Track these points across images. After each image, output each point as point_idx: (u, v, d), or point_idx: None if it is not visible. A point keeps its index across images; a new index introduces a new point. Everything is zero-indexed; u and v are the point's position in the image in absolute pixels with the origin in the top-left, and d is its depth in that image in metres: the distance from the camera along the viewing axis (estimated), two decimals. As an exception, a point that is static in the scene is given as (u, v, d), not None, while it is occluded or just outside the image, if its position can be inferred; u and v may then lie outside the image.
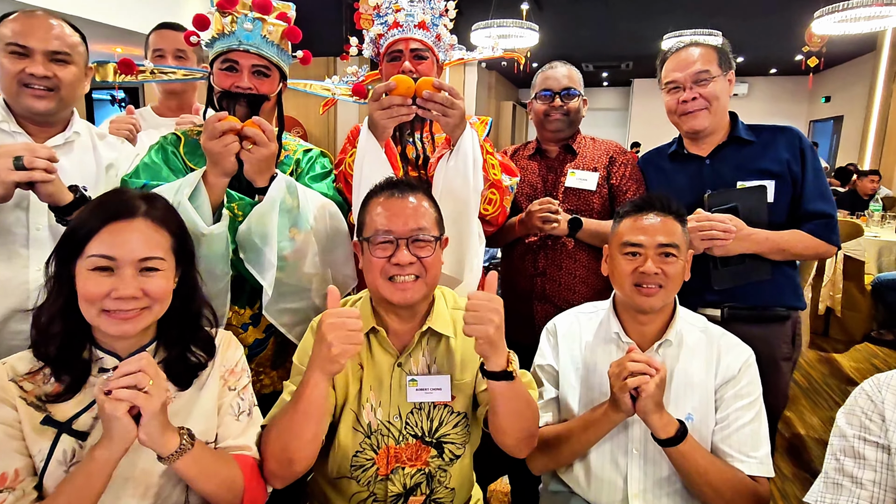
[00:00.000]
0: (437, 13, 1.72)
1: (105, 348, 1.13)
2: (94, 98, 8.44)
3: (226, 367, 1.25)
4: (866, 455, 1.09)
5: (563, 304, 1.99)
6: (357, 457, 1.36)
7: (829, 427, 3.26)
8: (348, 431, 1.35)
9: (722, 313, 1.81)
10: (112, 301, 1.06)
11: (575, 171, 2.06)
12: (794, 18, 8.09)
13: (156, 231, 1.12)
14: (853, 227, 4.75)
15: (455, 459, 1.40)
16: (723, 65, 1.81)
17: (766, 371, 1.48)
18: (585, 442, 1.41)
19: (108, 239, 1.07)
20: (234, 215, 1.48)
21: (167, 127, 2.06)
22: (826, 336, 5.04)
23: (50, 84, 1.50)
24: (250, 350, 1.62)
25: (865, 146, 8.76)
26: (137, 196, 1.15)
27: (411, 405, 1.36)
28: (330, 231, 1.62)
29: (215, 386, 1.22)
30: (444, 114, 1.52)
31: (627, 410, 1.30)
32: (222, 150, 1.37)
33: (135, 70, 1.62)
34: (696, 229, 1.67)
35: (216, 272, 1.43)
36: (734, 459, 1.36)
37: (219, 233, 1.39)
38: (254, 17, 1.49)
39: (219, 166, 1.39)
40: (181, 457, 1.04)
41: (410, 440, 1.36)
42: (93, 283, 1.06)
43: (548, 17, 8.33)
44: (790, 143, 1.82)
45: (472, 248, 1.66)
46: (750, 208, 1.75)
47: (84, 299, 1.06)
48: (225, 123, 1.37)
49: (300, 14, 1.64)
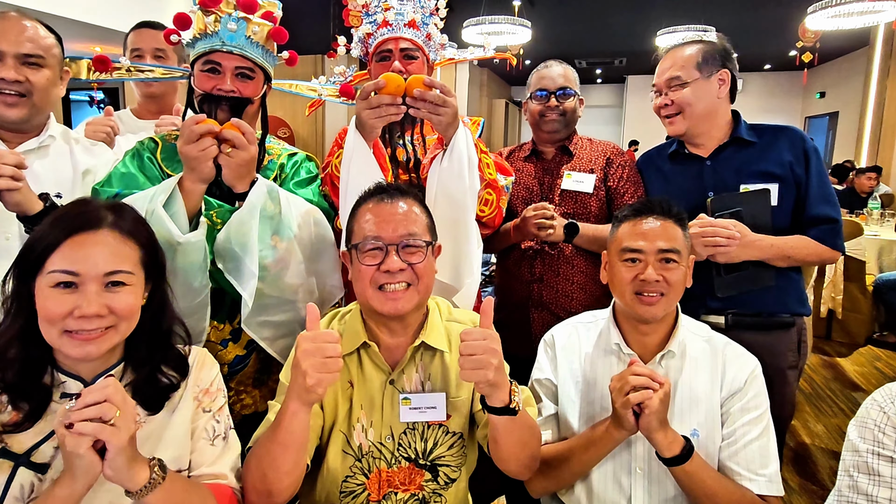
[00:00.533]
0: (427, 12, 1.69)
1: (68, 371, 1.06)
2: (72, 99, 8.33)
3: (200, 386, 1.18)
4: (881, 472, 1.06)
5: (560, 311, 1.97)
6: (347, 482, 1.29)
7: (834, 435, 3.28)
8: (338, 454, 1.29)
9: (725, 320, 1.77)
10: (74, 320, 0.98)
11: (571, 173, 2.02)
12: (787, 13, 8.13)
13: (123, 243, 1.05)
14: (853, 227, 4.71)
15: (450, 483, 1.34)
16: (706, 66, 1.77)
17: (771, 381, 1.44)
18: (587, 462, 1.36)
19: (71, 253, 1.00)
20: (212, 223, 1.41)
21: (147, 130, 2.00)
22: (828, 339, 4.99)
23: (22, 89, 1.44)
24: (230, 368, 1.56)
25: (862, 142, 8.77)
26: (103, 206, 1.08)
27: (404, 425, 1.30)
28: (315, 239, 1.55)
29: (188, 408, 1.14)
30: (437, 112, 1.48)
31: (630, 428, 1.26)
32: (199, 155, 1.31)
33: (110, 67, 1.55)
34: (699, 235, 1.63)
35: (194, 285, 1.37)
36: (742, 478, 1.32)
37: (195, 241, 1.33)
38: (238, 17, 1.43)
39: (196, 172, 1.33)
40: (151, 491, 0.95)
41: (403, 463, 1.30)
42: (53, 301, 0.98)
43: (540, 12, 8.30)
44: (793, 144, 1.78)
45: (470, 253, 1.61)
46: (754, 213, 1.72)
47: (44, 319, 0.99)
48: (202, 126, 1.31)
49: (286, 10, 1.58)
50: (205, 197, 1.40)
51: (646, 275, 1.35)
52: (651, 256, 1.36)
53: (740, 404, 1.36)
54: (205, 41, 1.44)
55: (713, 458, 1.35)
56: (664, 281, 1.35)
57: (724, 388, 1.38)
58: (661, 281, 1.35)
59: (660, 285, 1.35)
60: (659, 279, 1.35)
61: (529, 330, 2.00)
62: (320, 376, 1.05)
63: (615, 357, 1.44)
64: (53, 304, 0.98)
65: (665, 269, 1.36)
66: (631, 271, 1.38)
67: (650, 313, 1.37)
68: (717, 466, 1.35)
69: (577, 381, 1.46)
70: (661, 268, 1.36)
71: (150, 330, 1.11)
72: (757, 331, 1.74)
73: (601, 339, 1.48)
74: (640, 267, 1.37)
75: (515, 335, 1.92)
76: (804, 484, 2.80)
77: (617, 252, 1.42)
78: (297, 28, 1.65)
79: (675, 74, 1.78)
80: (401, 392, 1.30)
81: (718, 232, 1.64)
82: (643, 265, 1.37)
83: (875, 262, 4.79)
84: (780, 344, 1.76)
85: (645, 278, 1.35)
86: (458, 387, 1.32)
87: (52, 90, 1.51)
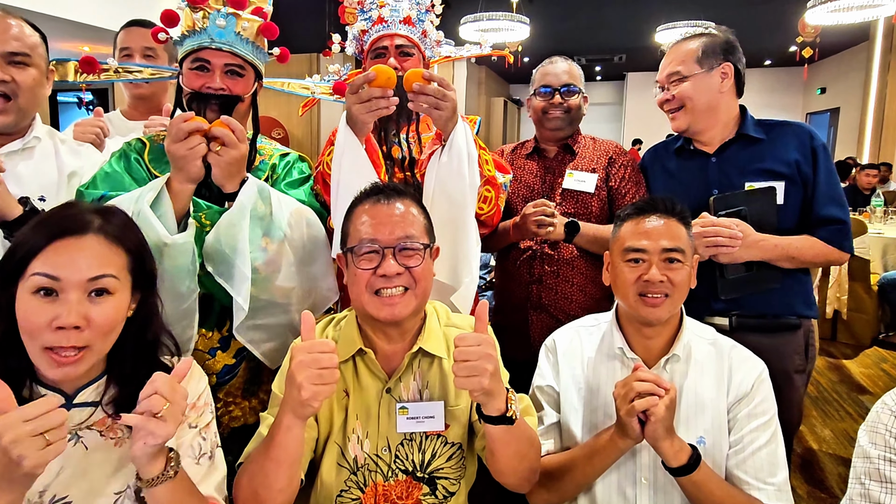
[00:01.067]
0: (423, 8, 1.67)
1: (48, 384, 1.02)
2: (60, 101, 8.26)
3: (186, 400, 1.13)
4: (893, 479, 1.04)
5: (559, 314, 1.94)
6: (342, 496, 1.25)
7: (841, 440, 3.23)
8: (332, 467, 1.25)
9: (730, 322, 1.73)
10: (53, 334, 0.94)
11: (573, 172, 2.00)
12: (787, 8, 8.13)
13: (109, 248, 1.01)
14: (857, 225, 4.65)
15: (449, 497, 1.30)
16: (707, 59, 1.75)
17: (778, 385, 1.41)
18: (591, 472, 1.32)
19: (53, 257, 0.96)
20: (200, 226, 1.38)
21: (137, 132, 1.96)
22: (834, 340, 4.93)
23: (7, 89, 1.41)
24: (219, 378, 1.51)
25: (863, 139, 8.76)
26: (90, 210, 1.04)
27: (401, 436, 1.26)
28: (307, 241, 1.51)
29: None
30: (437, 107, 1.45)
31: (636, 436, 1.22)
32: (187, 153, 1.27)
33: (97, 68, 1.52)
34: (701, 235, 1.60)
35: (181, 290, 1.33)
36: (750, 487, 1.29)
37: (182, 243, 1.29)
38: (227, 13, 1.40)
39: (184, 171, 1.29)
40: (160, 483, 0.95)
41: (400, 476, 1.26)
42: (33, 310, 0.94)
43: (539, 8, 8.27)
44: (801, 141, 1.75)
45: (469, 252, 1.58)
46: (758, 212, 1.68)
47: (24, 331, 0.95)
48: (191, 124, 1.28)
49: (280, 8, 1.55)
50: (193, 198, 1.36)
51: (649, 275, 1.32)
52: (655, 256, 1.33)
53: (747, 410, 1.33)
54: (193, 38, 1.41)
55: (720, 466, 1.32)
56: (668, 281, 1.32)
57: (730, 393, 1.35)
58: (665, 281, 1.32)
59: (664, 286, 1.32)
60: (663, 279, 1.31)
61: (528, 333, 1.97)
62: (316, 389, 1.01)
63: (618, 362, 1.41)
64: (33, 314, 0.94)
65: (669, 270, 1.33)
66: (634, 272, 1.34)
67: (654, 315, 1.33)
68: (724, 475, 1.31)
69: (580, 388, 1.43)
70: (665, 268, 1.33)
71: (136, 342, 1.07)
72: (762, 333, 1.70)
73: (604, 343, 1.45)
74: (644, 267, 1.34)
75: (513, 338, 1.90)
76: (812, 491, 2.75)
77: (619, 252, 1.38)
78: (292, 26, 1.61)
79: (675, 69, 1.76)
80: (398, 401, 1.26)
81: (720, 232, 1.60)
82: (647, 265, 1.33)
83: (880, 261, 4.74)
84: (786, 347, 1.73)
85: (649, 279, 1.32)
86: (457, 395, 1.28)
87: (38, 90, 1.48)
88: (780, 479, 1.29)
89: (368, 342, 1.28)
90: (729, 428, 1.33)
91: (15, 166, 1.46)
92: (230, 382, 1.54)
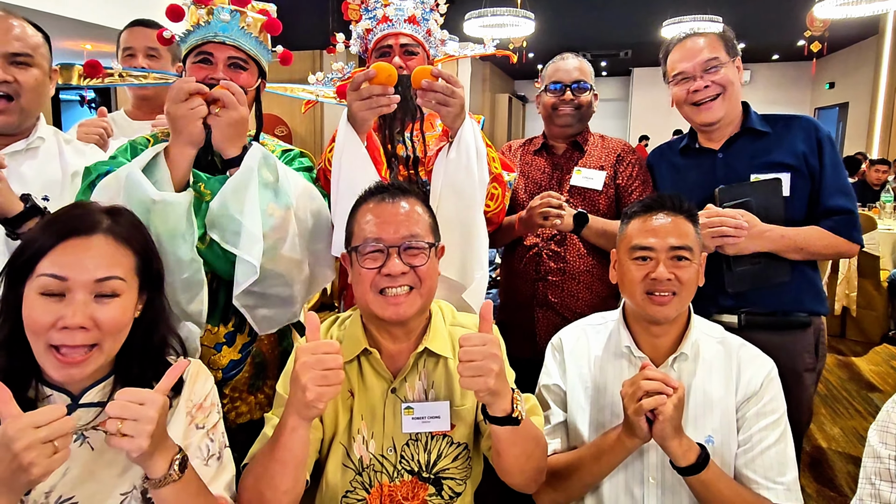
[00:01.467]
0: (427, 7, 1.67)
1: (54, 385, 1.01)
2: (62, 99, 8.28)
3: (193, 401, 1.13)
4: None
5: (565, 311, 1.94)
6: (347, 497, 1.25)
7: (851, 438, 3.21)
8: (337, 468, 1.24)
9: (738, 320, 1.72)
10: (58, 333, 0.94)
11: (581, 170, 1.99)
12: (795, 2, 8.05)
13: (117, 249, 1.01)
14: (866, 221, 4.61)
15: (455, 497, 1.29)
16: (729, 51, 1.74)
17: (788, 384, 1.40)
18: (598, 472, 1.31)
19: (62, 257, 0.96)
20: (200, 195, 1.36)
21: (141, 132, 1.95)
22: (843, 338, 4.89)
23: (10, 90, 1.41)
24: (224, 373, 1.50)
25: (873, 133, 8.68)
26: (99, 209, 1.04)
27: (407, 436, 1.25)
28: (312, 217, 1.49)
29: (181, 424, 1.09)
30: (445, 103, 1.45)
31: (643, 436, 1.21)
32: (188, 113, 1.26)
33: (101, 73, 1.51)
34: (706, 225, 1.57)
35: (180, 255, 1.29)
36: (759, 486, 1.28)
37: (173, 202, 1.25)
38: (231, 9, 1.40)
39: (184, 134, 1.28)
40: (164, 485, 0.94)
41: (406, 476, 1.26)
42: (39, 309, 0.94)
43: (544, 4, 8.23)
44: (807, 134, 1.73)
45: (479, 248, 1.57)
46: (764, 203, 1.67)
47: (29, 329, 0.95)
48: (192, 85, 1.28)
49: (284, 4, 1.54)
50: (193, 171, 1.35)
51: (657, 273, 1.31)
52: (662, 254, 1.32)
53: (756, 408, 1.32)
54: (197, 33, 1.40)
55: (729, 465, 1.31)
56: (676, 279, 1.31)
57: (739, 392, 1.34)
58: (672, 279, 1.30)
59: (672, 284, 1.31)
60: (671, 277, 1.30)
61: (534, 331, 1.96)
62: (321, 390, 1.01)
63: (626, 360, 1.40)
64: (38, 313, 0.94)
65: (677, 267, 1.31)
66: (641, 270, 1.33)
67: (662, 314, 1.32)
68: (732, 474, 1.30)
69: (587, 387, 1.42)
70: (672, 266, 1.32)
71: (143, 344, 1.07)
72: (772, 331, 1.68)
73: (611, 341, 1.44)
74: (651, 265, 1.33)
75: (519, 336, 1.90)
76: (821, 490, 2.73)
77: (626, 250, 1.37)
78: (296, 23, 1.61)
79: (714, 55, 1.71)
80: (403, 401, 1.25)
81: (725, 222, 1.58)
82: (654, 263, 1.32)
83: (889, 258, 4.69)
84: (796, 345, 1.71)
85: (656, 277, 1.31)
86: (463, 395, 1.28)
87: (41, 90, 1.48)
88: (790, 478, 1.28)
89: (373, 342, 1.28)
90: (738, 427, 1.32)
91: (19, 166, 1.46)
92: (236, 378, 1.53)
